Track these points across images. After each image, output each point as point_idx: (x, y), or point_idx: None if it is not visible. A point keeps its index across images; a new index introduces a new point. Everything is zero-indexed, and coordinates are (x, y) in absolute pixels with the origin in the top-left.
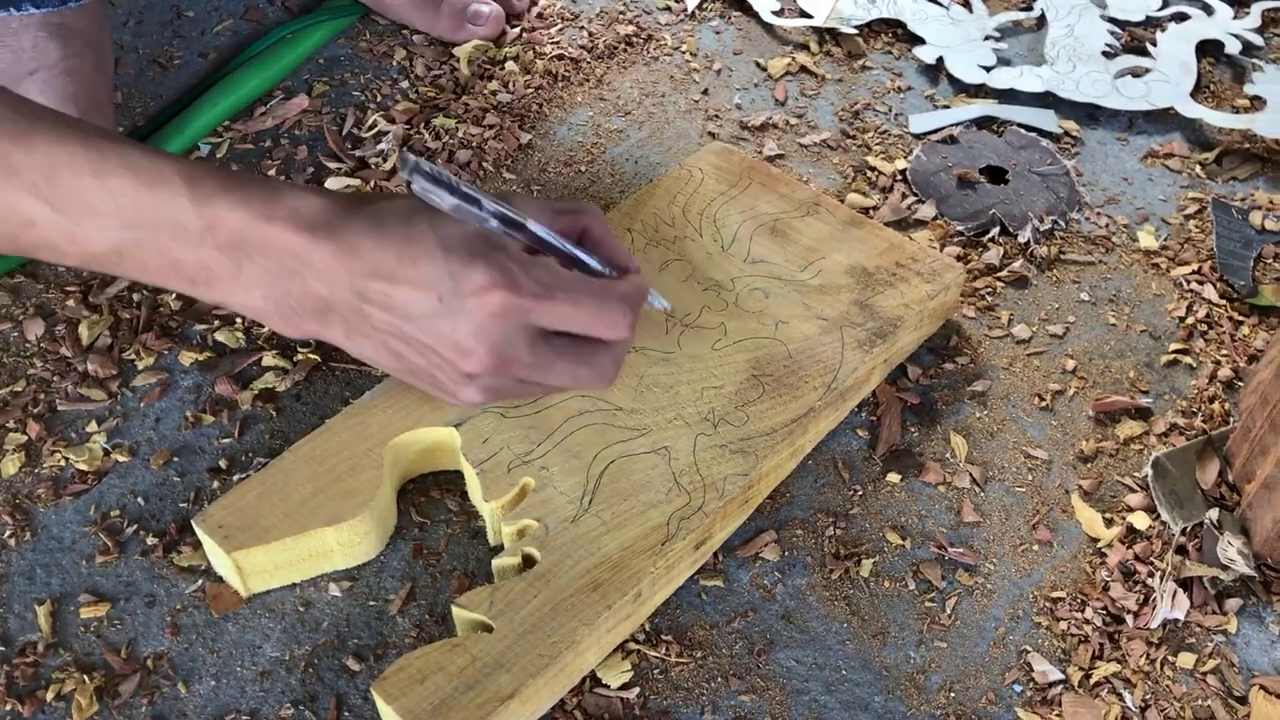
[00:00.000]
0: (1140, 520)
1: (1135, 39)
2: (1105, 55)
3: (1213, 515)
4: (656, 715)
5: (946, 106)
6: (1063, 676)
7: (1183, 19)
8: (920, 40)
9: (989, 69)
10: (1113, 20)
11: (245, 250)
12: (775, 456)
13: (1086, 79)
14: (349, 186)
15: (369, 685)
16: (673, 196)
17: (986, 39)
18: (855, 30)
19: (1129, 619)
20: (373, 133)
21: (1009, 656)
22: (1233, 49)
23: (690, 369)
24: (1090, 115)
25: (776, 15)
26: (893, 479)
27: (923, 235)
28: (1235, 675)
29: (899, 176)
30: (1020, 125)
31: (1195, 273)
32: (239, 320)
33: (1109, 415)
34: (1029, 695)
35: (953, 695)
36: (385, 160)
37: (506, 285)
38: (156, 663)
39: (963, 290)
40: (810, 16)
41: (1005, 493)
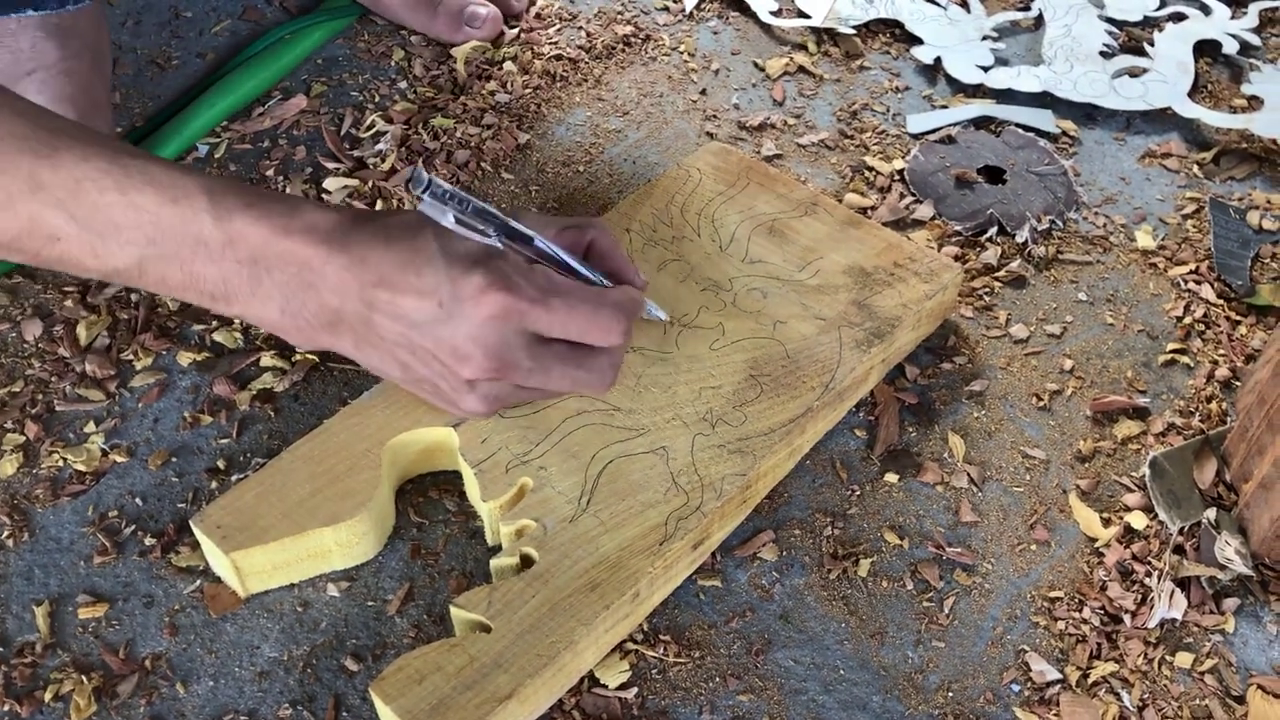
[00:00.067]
0: (1138, 520)
1: (1133, 39)
2: (1103, 55)
3: (1210, 515)
4: (655, 715)
5: (944, 106)
6: (1060, 676)
7: (1180, 19)
8: (918, 40)
9: (987, 69)
10: (1110, 20)
11: (264, 264)
12: (773, 456)
13: (1084, 79)
14: (347, 187)
15: (367, 685)
16: (671, 196)
17: (984, 39)
18: (853, 30)
19: (1127, 619)
20: (371, 133)
21: (1007, 656)
22: (1230, 49)
23: (688, 369)
24: (1088, 115)
25: (774, 15)
26: (891, 479)
27: (920, 235)
28: (1233, 675)
29: (897, 176)
30: (1018, 125)
31: (1193, 272)
32: (237, 321)
33: (1107, 415)
34: (1027, 695)
35: (951, 695)
36: (383, 160)
37: (504, 288)
38: (155, 663)
39: (960, 290)
40: (808, 17)
41: (1003, 492)
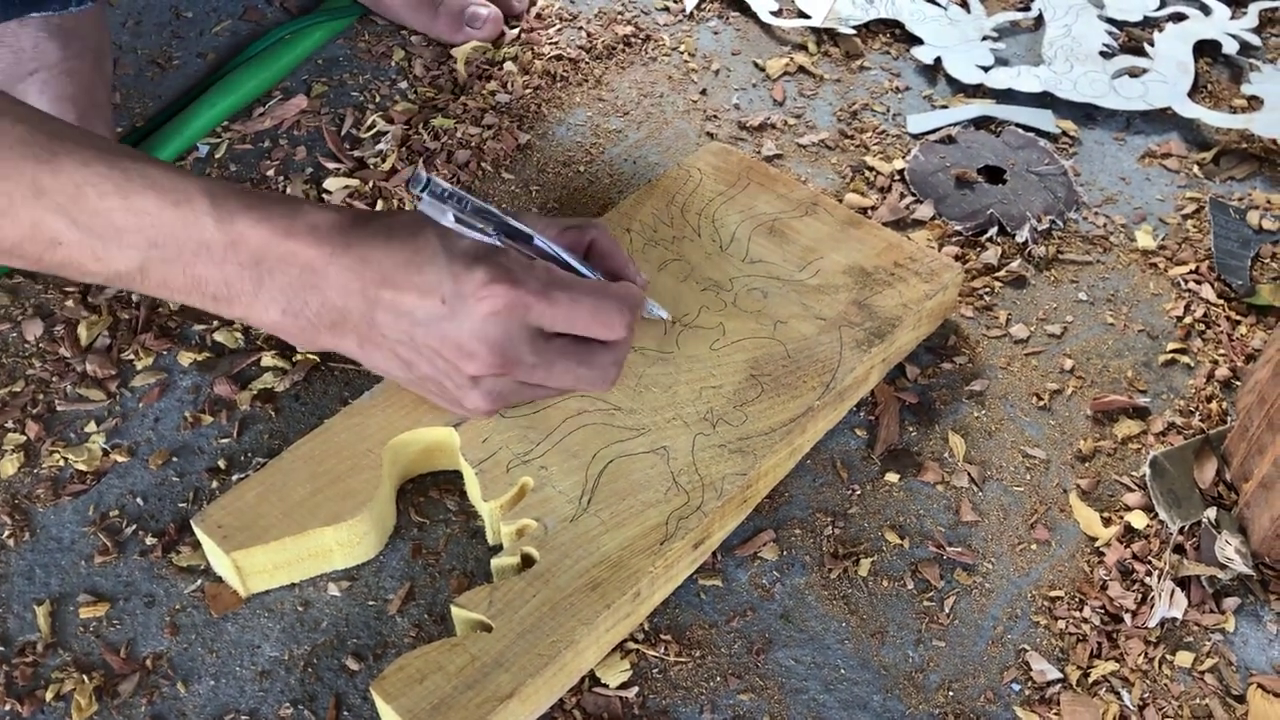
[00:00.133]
0: (1138, 519)
1: (1133, 39)
2: (1103, 55)
3: (1210, 514)
4: (655, 714)
5: (944, 106)
6: (1061, 675)
7: (1180, 19)
8: (918, 40)
9: (987, 69)
10: (1110, 20)
11: (266, 266)
12: (774, 456)
13: (1084, 79)
14: (347, 187)
15: (368, 685)
16: (671, 196)
17: (984, 39)
18: (853, 30)
19: (1127, 618)
20: (371, 133)
21: (1007, 655)
22: (1230, 49)
23: (689, 369)
24: (1088, 115)
25: (774, 15)
26: (891, 478)
27: (921, 235)
28: (1233, 674)
29: (897, 176)
30: (1018, 125)
31: (1193, 272)
32: (238, 321)
33: (1107, 414)
34: (1027, 694)
35: (951, 694)
36: (384, 160)
37: (507, 282)
38: (156, 662)
39: (961, 290)
40: (808, 17)
41: (1003, 492)
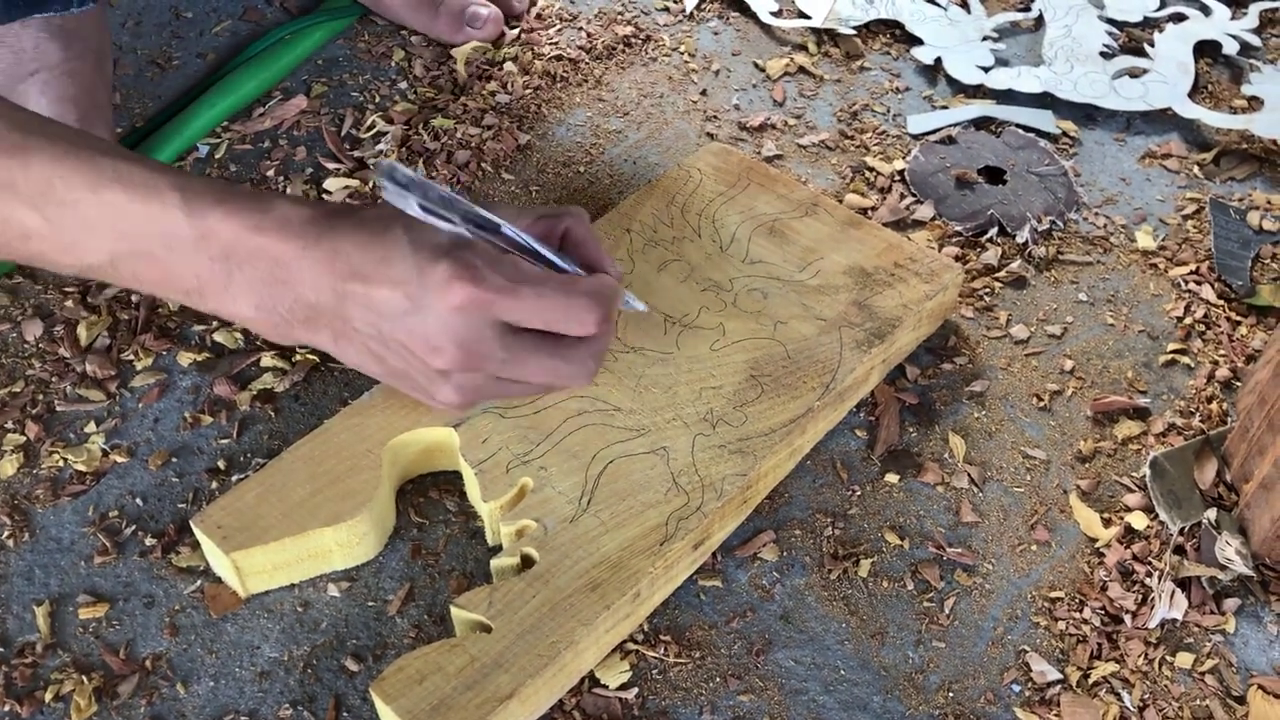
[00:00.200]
0: (1138, 520)
1: (1133, 39)
2: (1103, 56)
3: (1211, 515)
4: (655, 715)
5: (944, 107)
6: (1061, 676)
7: (1180, 19)
8: (918, 41)
9: (987, 69)
10: (1110, 21)
11: (236, 260)
12: (774, 457)
13: (1084, 79)
14: (347, 187)
15: (368, 686)
16: (671, 197)
17: (984, 40)
18: (853, 31)
19: (1127, 619)
20: (371, 133)
21: (1007, 656)
22: (1230, 49)
23: (689, 369)
24: (1088, 116)
25: (775, 16)
26: (891, 479)
27: (921, 235)
28: (1233, 675)
29: (897, 177)
30: (1018, 126)
31: (1193, 273)
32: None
33: (1107, 415)
34: (1027, 695)
35: (951, 695)
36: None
37: (470, 279)
38: (155, 663)
39: (961, 290)
40: (808, 17)
41: (1003, 493)
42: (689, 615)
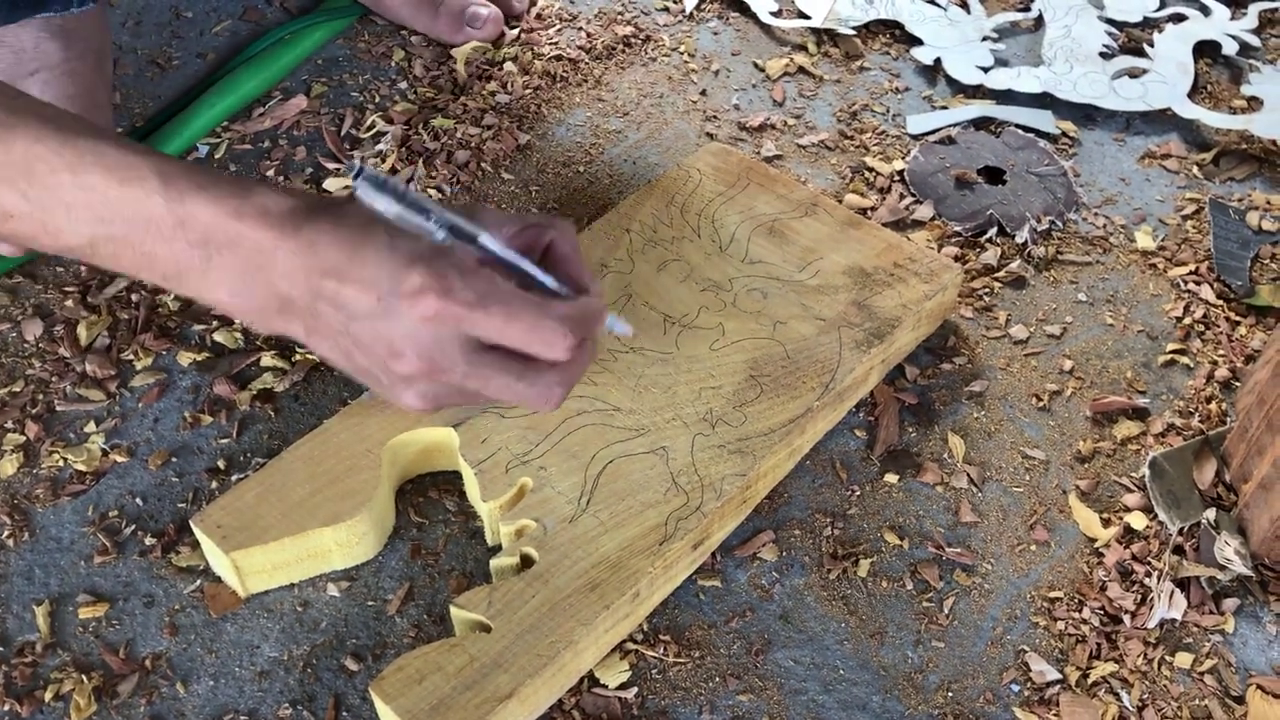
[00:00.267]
0: (1137, 520)
1: (1132, 40)
2: (1102, 56)
3: (1210, 515)
4: (654, 715)
5: (944, 107)
6: (1060, 676)
7: (1180, 20)
8: (918, 41)
9: (986, 70)
10: (1110, 21)
11: (214, 246)
12: (773, 457)
13: (1084, 80)
14: (347, 187)
15: (367, 685)
16: (671, 197)
17: (984, 40)
18: (853, 31)
19: (1126, 619)
20: (371, 133)
21: (1006, 656)
22: (1230, 50)
23: (688, 369)
24: (1087, 116)
25: (774, 16)
26: (890, 479)
27: (920, 236)
28: (1232, 675)
29: (897, 177)
30: (1018, 126)
31: (1192, 273)
32: (238, 321)
33: (1106, 415)
34: (1026, 695)
35: (950, 695)
36: (384, 161)
37: (439, 291)
38: (155, 663)
39: (960, 291)
40: (808, 17)
41: (1003, 493)
42: (688, 615)
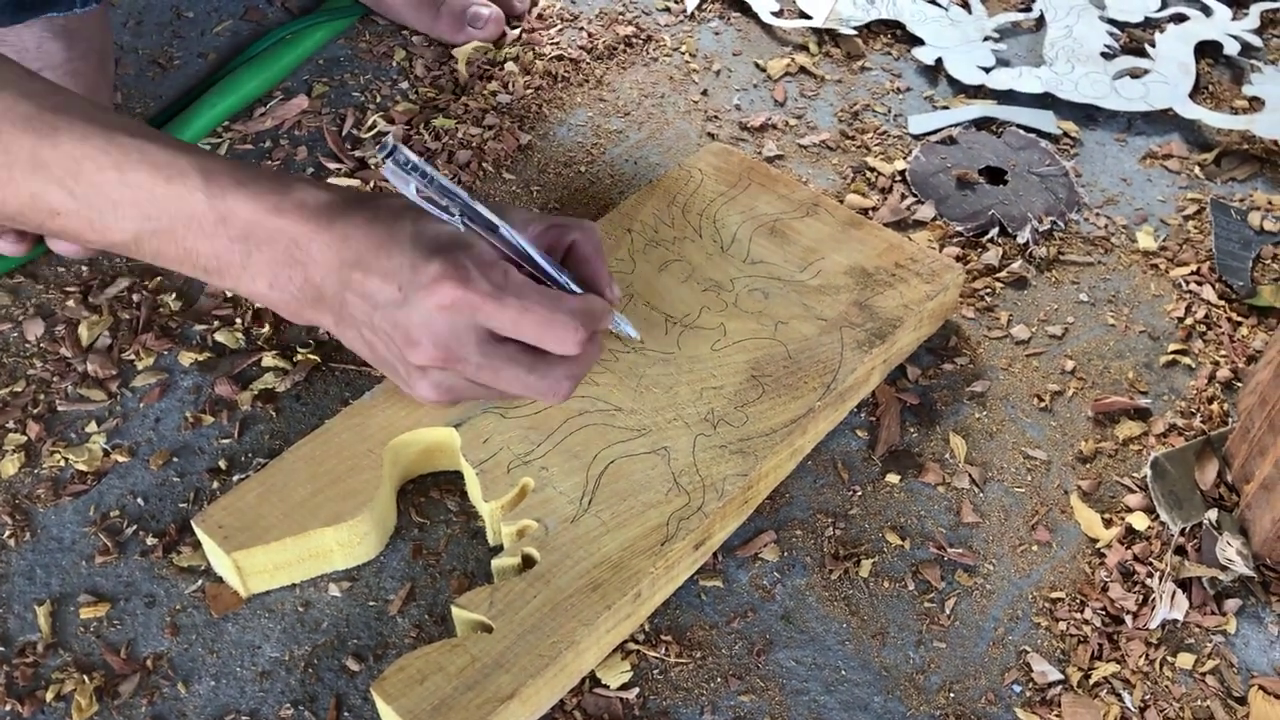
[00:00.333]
0: (1139, 521)
1: (1134, 40)
2: (1104, 56)
3: (1211, 516)
4: (656, 715)
5: (945, 107)
6: (1062, 677)
7: (1181, 20)
8: (919, 41)
9: (988, 70)
10: (1111, 21)
11: (254, 241)
12: (774, 457)
13: (1085, 80)
14: (349, 188)
15: (369, 685)
16: (672, 197)
17: (985, 40)
18: (854, 31)
19: (1128, 619)
20: (372, 133)
21: (1008, 657)
22: (1231, 50)
23: (690, 369)
24: (1089, 116)
25: (776, 16)
26: (892, 479)
27: (922, 236)
28: (1234, 676)
29: (898, 177)
30: (1019, 126)
31: (1194, 273)
32: (238, 321)
33: (1108, 416)
34: (1028, 695)
35: (952, 695)
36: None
37: (457, 280)
38: (156, 663)
39: (962, 291)
40: (809, 17)
41: (1004, 493)
42: (690, 615)
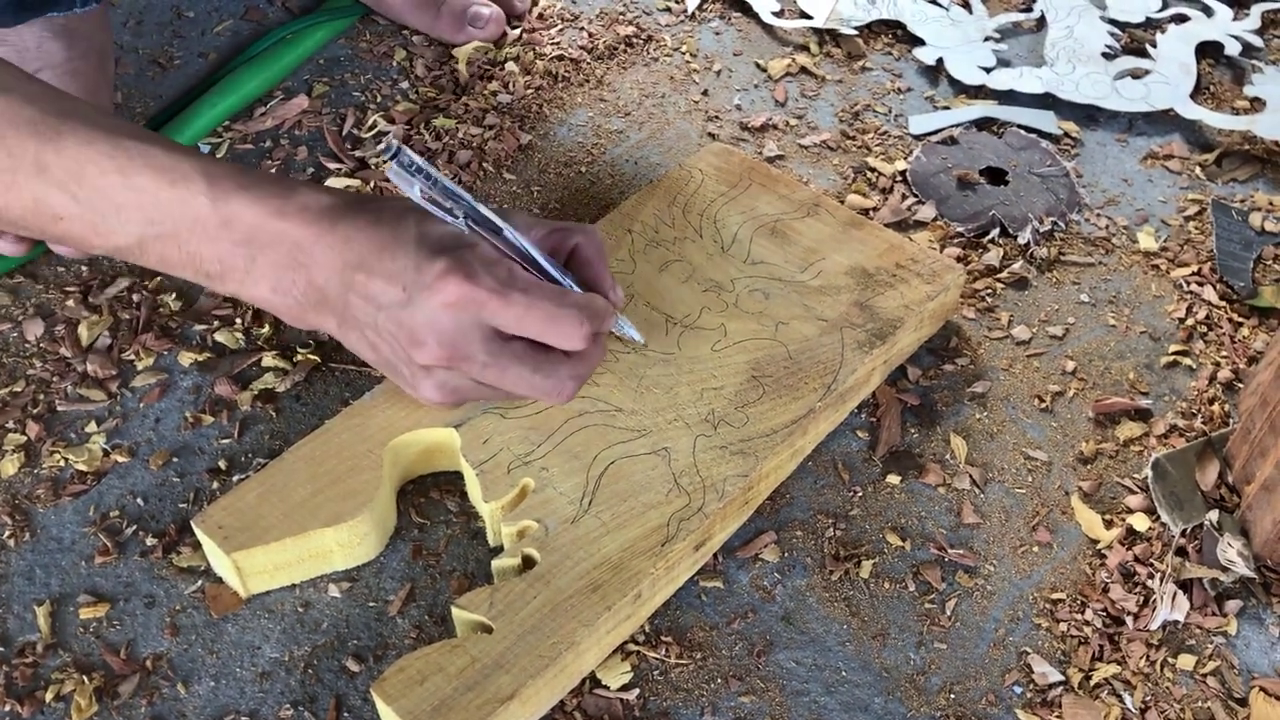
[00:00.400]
0: (1140, 522)
1: (1135, 40)
2: (1105, 56)
3: (1212, 517)
4: (656, 716)
5: (946, 108)
6: (1063, 678)
7: (1182, 20)
8: (920, 41)
9: (989, 70)
10: (1112, 21)
11: (258, 245)
12: (775, 458)
13: (1086, 80)
14: (349, 187)
15: (369, 686)
16: (673, 197)
17: (986, 40)
18: (855, 31)
19: (1129, 620)
20: (372, 133)
21: (1009, 658)
22: (1232, 50)
23: (690, 370)
24: (1090, 116)
25: (776, 16)
26: (892, 480)
27: (923, 236)
28: (1235, 677)
29: (899, 177)
30: (1020, 126)
31: (1195, 274)
32: (238, 321)
33: (1109, 417)
34: (1029, 697)
35: (952, 696)
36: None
37: (462, 277)
38: (156, 663)
39: (962, 291)
40: (810, 17)
41: (1005, 494)
42: (690, 616)
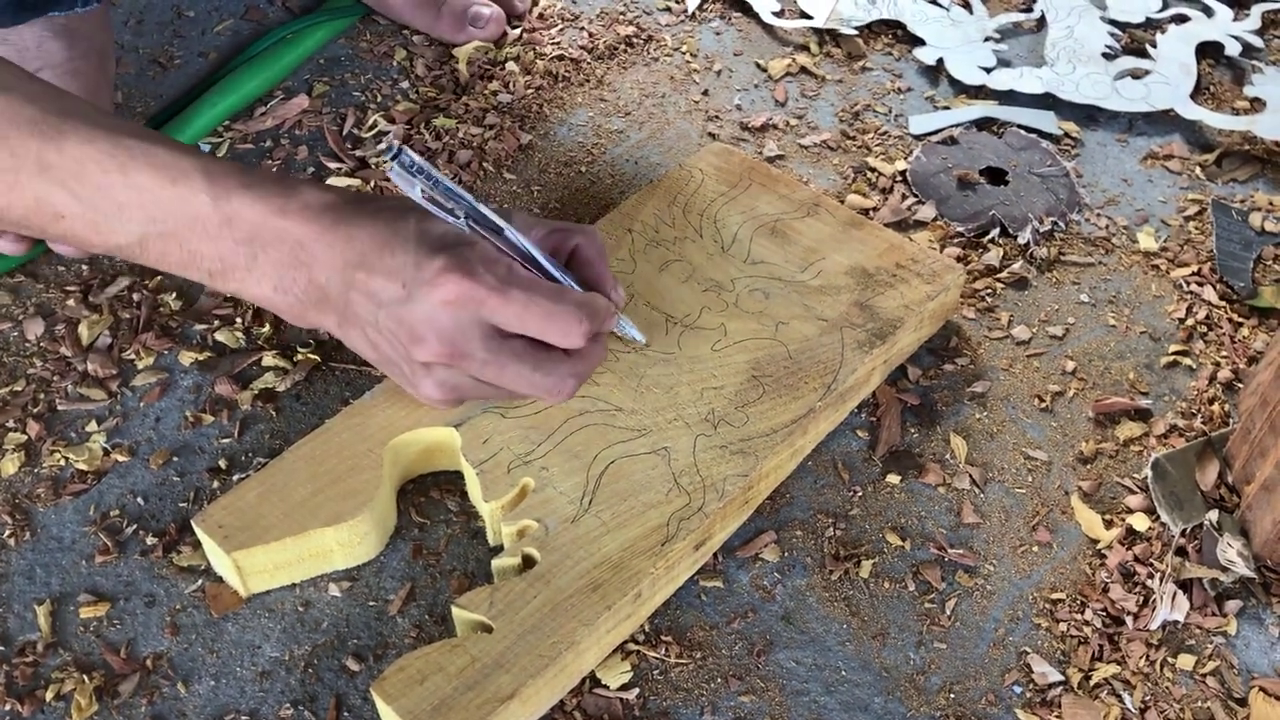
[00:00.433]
0: (1140, 522)
1: (1135, 41)
2: (1105, 57)
3: (1212, 517)
4: (656, 716)
5: (946, 108)
6: (1062, 678)
7: (1183, 21)
8: (920, 41)
9: (989, 70)
10: (1113, 22)
11: (260, 243)
12: (775, 457)
13: (1086, 80)
14: (350, 187)
15: (369, 685)
16: (673, 197)
17: (986, 40)
18: (855, 31)
19: (1129, 620)
20: (373, 133)
21: (1009, 658)
22: (1233, 51)
23: (690, 369)
24: (1090, 117)
25: (777, 16)
26: (892, 480)
27: (923, 236)
28: (1235, 677)
29: (899, 177)
30: (1020, 126)
31: (1195, 274)
32: (239, 320)
33: (1109, 416)
34: (1029, 696)
35: (952, 696)
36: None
37: (462, 274)
38: (156, 663)
39: (962, 291)
40: (810, 17)
41: (1005, 494)
42: (690, 616)
